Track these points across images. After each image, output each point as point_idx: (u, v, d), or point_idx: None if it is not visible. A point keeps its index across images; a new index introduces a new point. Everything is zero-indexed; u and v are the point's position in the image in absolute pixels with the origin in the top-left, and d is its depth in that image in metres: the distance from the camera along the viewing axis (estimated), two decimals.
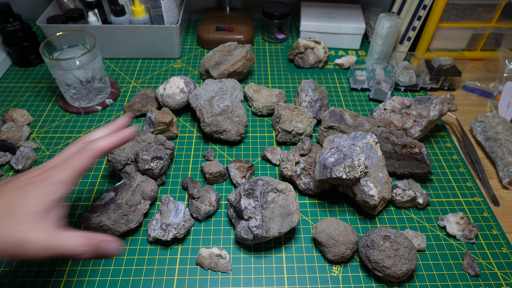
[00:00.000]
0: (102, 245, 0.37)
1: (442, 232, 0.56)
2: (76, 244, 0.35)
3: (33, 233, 0.34)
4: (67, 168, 0.38)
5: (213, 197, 0.56)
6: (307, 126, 0.67)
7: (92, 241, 0.37)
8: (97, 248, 0.37)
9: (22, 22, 0.81)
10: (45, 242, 0.34)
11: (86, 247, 0.36)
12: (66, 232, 0.36)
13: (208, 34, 0.90)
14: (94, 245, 0.37)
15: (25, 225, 0.34)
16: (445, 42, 0.87)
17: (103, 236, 0.38)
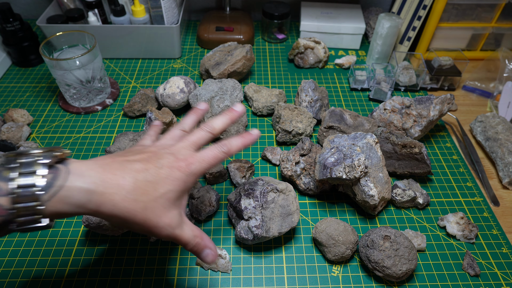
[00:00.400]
0: (205, 251, 0.40)
1: (442, 232, 0.56)
2: (187, 238, 0.39)
3: (164, 219, 0.36)
4: (203, 163, 0.40)
5: (213, 197, 0.56)
6: (307, 126, 0.67)
7: (199, 243, 0.40)
8: (200, 251, 0.40)
9: (22, 22, 0.81)
10: (170, 230, 0.37)
11: (194, 246, 0.39)
12: (186, 225, 0.39)
13: (208, 34, 0.90)
14: (199, 248, 0.40)
15: (160, 210, 0.36)
16: (445, 42, 0.87)
17: (209, 243, 0.41)
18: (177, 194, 0.37)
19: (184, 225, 0.39)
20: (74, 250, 0.53)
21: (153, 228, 0.36)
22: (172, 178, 0.37)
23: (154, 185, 0.36)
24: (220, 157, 0.41)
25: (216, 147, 0.42)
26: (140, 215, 0.35)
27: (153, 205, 0.36)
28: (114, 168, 0.35)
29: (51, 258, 0.52)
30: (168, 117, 0.66)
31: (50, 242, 0.54)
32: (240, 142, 0.44)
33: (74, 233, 0.55)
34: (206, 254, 0.40)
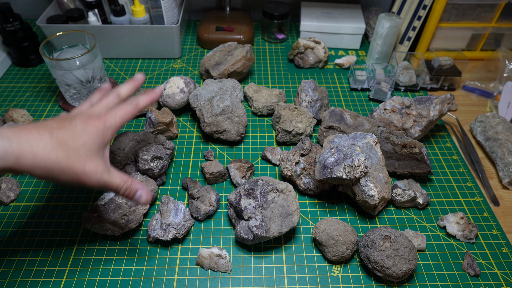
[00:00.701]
0: (137, 193, 0.45)
1: (442, 232, 0.56)
2: (118, 182, 0.43)
3: (89, 166, 0.40)
4: (116, 117, 0.44)
5: (213, 197, 0.56)
6: (307, 126, 0.67)
7: (129, 186, 0.44)
8: (132, 193, 0.45)
9: (22, 22, 0.81)
10: (98, 176, 0.41)
11: (125, 190, 0.44)
12: (113, 171, 0.43)
13: (208, 34, 0.90)
14: (131, 191, 0.44)
15: (83, 158, 0.40)
16: (445, 42, 0.87)
17: (139, 185, 0.45)
18: (96, 145, 0.41)
19: (111, 171, 0.43)
20: (74, 250, 0.53)
21: (80, 174, 0.40)
22: (88, 132, 0.41)
23: (72, 138, 0.40)
24: (130, 111, 0.46)
25: (126, 103, 0.46)
26: (63, 162, 0.38)
27: (75, 154, 0.39)
28: (30, 127, 0.38)
29: (51, 258, 0.52)
30: (168, 117, 0.66)
31: (50, 242, 0.54)
32: (146, 97, 0.49)
33: (74, 233, 0.55)
34: (139, 196, 0.45)
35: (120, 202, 0.52)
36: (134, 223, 0.53)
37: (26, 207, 0.58)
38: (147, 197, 0.45)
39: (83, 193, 0.60)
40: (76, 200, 0.59)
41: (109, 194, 0.53)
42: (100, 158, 0.42)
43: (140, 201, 0.45)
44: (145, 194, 0.45)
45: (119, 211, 0.52)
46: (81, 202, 0.59)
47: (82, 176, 0.40)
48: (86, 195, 0.60)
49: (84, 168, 0.40)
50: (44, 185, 0.61)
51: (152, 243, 0.54)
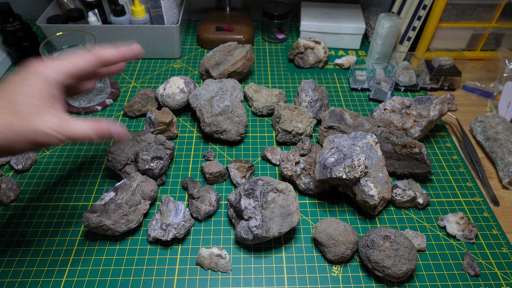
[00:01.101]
0: (112, 133, 0.41)
1: (442, 232, 0.56)
2: (84, 132, 0.39)
3: (44, 123, 0.36)
4: (65, 61, 0.39)
5: (213, 197, 0.56)
6: (307, 126, 0.67)
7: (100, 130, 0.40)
8: (106, 134, 0.41)
9: (22, 22, 0.81)
10: (57, 132, 0.37)
11: (98, 135, 0.40)
12: (75, 121, 0.39)
13: (208, 34, 0.90)
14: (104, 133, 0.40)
15: (32, 117, 0.36)
16: (445, 42, 0.87)
17: (110, 125, 0.41)
18: (43, 96, 0.37)
19: (71, 123, 0.38)
20: (74, 250, 0.53)
21: (36, 137, 0.36)
22: (29, 84, 0.36)
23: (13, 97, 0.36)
24: (87, 57, 0.40)
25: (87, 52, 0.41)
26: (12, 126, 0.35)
27: (20, 114, 0.35)
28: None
29: (51, 258, 0.52)
30: (168, 117, 0.66)
31: (50, 242, 0.54)
32: (114, 50, 0.42)
33: (74, 233, 0.55)
34: (117, 132, 0.41)
35: (120, 202, 0.52)
36: (134, 223, 0.53)
37: (26, 207, 0.58)
38: (124, 133, 0.42)
39: (83, 193, 0.60)
40: (76, 200, 0.59)
41: (109, 194, 0.53)
42: (51, 113, 0.37)
43: (120, 138, 0.42)
44: (121, 131, 0.42)
45: (119, 211, 0.52)
46: (81, 202, 0.59)
47: (40, 137, 0.36)
48: (86, 195, 0.60)
49: (37, 129, 0.36)
50: (44, 185, 0.61)
51: (152, 243, 0.54)
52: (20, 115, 0.35)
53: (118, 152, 0.58)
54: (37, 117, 0.36)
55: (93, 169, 0.64)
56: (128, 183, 0.55)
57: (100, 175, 0.63)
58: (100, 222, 0.50)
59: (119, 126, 0.42)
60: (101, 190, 0.61)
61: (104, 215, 0.51)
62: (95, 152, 0.66)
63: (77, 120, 0.39)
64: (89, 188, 0.61)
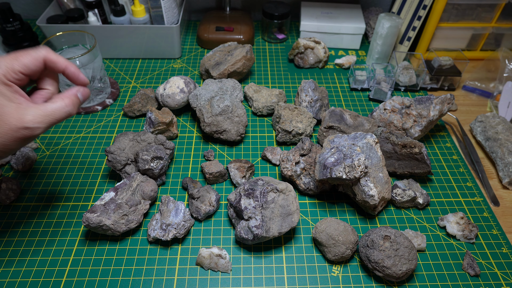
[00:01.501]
0: (80, 96, 0.43)
1: (442, 232, 0.56)
2: (62, 108, 0.41)
3: (19, 115, 0.37)
4: (8, 58, 0.39)
5: (213, 197, 0.56)
6: (307, 126, 0.67)
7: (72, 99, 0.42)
8: (78, 101, 0.43)
9: (22, 22, 0.81)
10: (37, 116, 0.38)
11: (69, 106, 0.41)
12: (46, 104, 0.40)
13: (208, 34, 0.90)
14: (74, 102, 0.42)
15: (8, 116, 0.37)
16: (445, 42, 0.87)
17: (74, 89, 0.43)
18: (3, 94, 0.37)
19: (46, 106, 0.39)
20: (74, 250, 0.53)
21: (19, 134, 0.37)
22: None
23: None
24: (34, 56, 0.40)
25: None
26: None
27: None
28: None
29: (51, 258, 0.52)
30: (168, 117, 0.66)
31: (50, 242, 0.54)
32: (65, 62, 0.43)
33: (74, 233, 0.55)
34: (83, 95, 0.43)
35: (120, 202, 0.52)
36: (134, 223, 0.53)
37: (26, 207, 0.58)
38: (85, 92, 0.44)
39: (83, 193, 0.60)
40: (76, 200, 0.59)
41: (109, 194, 0.53)
42: (22, 106, 0.38)
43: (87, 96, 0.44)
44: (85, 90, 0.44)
45: (119, 211, 0.52)
46: (81, 202, 0.59)
47: (19, 134, 0.37)
48: (86, 195, 0.60)
49: (15, 125, 0.37)
50: (44, 185, 0.61)
51: (152, 243, 0.54)
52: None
53: (118, 152, 0.58)
54: (9, 116, 0.37)
55: (93, 169, 0.64)
56: (128, 183, 0.55)
57: (100, 175, 0.63)
58: (100, 222, 0.50)
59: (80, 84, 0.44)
60: (101, 190, 0.61)
61: (104, 215, 0.51)
62: (95, 152, 0.66)
63: (46, 104, 0.40)
64: (89, 188, 0.61)
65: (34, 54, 0.40)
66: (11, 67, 0.38)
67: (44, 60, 0.41)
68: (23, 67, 0.39)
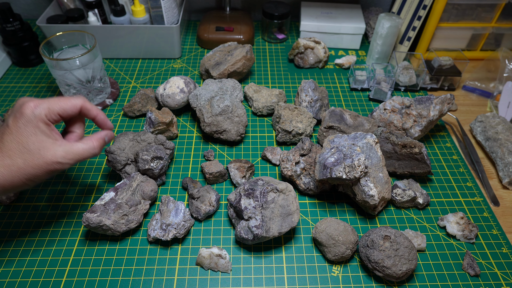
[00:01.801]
0: (106, 140, 0.49)
1: (442, 232, 0.56)
2: (89, 150, 0.46)
3: (54, 151, 0.43)
4: (51, 102, 0.44)
5: (213, 197, 0.56)
6: (307, 126, 0.67)
7: (100, 142, 0.48)
8: (104, 144, 0.49)
9: (22, 22, 0.81)
10: (66, 154, 0.44)
11: (96, 149, 0.47)
12: (75, 143, 0.46)
13: (208, 34, 0.90)
14: (101, 144, 0.48)
15: (45, 150, 0.42)
16: (445, 42, 0.87)
17: (103, 133, 0.49)
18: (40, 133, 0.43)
19: (74, 147, 0.45)
20: (74, 250, 0.53)
21: (51, 167, 0.43)
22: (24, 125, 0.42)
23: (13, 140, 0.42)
24: (73, 103, 0.46)
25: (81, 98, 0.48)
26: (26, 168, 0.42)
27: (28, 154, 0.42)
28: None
29: (51, 258, 0.52)
30: (168, 117, 0.66)
31: (50, 242, 0.54)
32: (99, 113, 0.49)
33: (74, 233, 0.55)
34: (108, 139, 0.50)
35: (120, 202, 0.52)
36: (134, 223, 0.53)
37: (26, 207, 0.58)
38: (111, 135, 0.50)
39: (83, 193, 0.60)
40: (76, 200, 0.59)
41: (109, 194, 0.53)
42: (56, 144, 0.43)
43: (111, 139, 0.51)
44: (109, 134, 0.50)
45: (119, 211, 0.52)
46: (81, 202, 0.59)
47: (51, 167, 0.43)
48: (86, 195, 0.60)
49: (49, 159, 0.42)
50: (44, 185, 0.61)
51: (152, 243, 0.54)
52: (32, 153, 0.42)
53: (118, 152, 0.58)
54: (46, 151, 0.42)
55: (93, 169, 0.64)
56: (128, 183, 0.55)
57: (100, 175, 0.63)
58: (100, 222, 0.50)
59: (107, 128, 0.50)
60: (101, 190, 0.61)
61: (104, 215, 0.51)
62: None
63: (80, 143, 0.46)
64: (89, 188, 0.61)
65: (74, 101, 0.46)
66: (52, 109, 0.44)
67: (80, 107, 0.47)
68: (62, 111, 0.45)
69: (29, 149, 0.42)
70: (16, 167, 0.41)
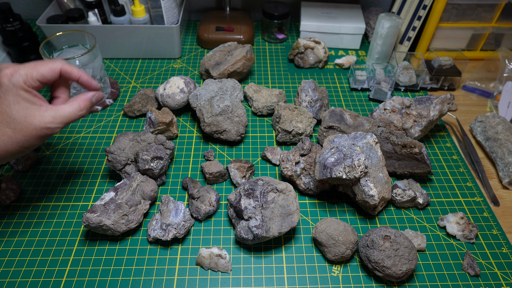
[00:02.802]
0: (94, 100, 0.48)
1: (442, 232, 0.56)
2: (75, 112, 0.45)
3: (41, 116, 0.42)
4: (28, 68, 0.43)
5: (213, 197, 0.56)
6: (307, 126, 0.67)
7: (86, 103, 0.47)
8: (91, 105, 0.48)
9: (22, 22, 0.81)
10: (54, 118, 0.43)
11: (83, 110, 0.46)
12: (63, 105, 0.45)
13: (208, 34, 0.90)
14: (88, 105, 0.47)
15: (32, 117, 0.42)
16: (445, 42, 0.87)
17: (89, 93, 0.48)
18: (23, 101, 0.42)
19: (62, 109, 0.44)
20: (74, 250, 0.53)
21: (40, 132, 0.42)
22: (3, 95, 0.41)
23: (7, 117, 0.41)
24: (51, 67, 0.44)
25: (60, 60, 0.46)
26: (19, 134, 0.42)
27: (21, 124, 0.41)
28: None
29: (51, 258, 0.52)
30: (168, 117, 0.66)
31: (50, 242, 0.54)
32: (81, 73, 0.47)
33: (74, 233, 0.55)
34: (96, 99, 0.48)
35: (120, 202, 0.52)
36: (134, 223, 0.53)
37: (26, 207, 0.58)
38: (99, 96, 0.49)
39: (83, 193, 0.60)
40: (76, 200, 0.59)
41: (109, 194, 0.53)
42: (42, 108, 0.43)
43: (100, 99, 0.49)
44: (98, 95, 0.48)
45: (119, 211, 0.52)
46: (81, 202, 0.59)
47: (41, 132, 0.42)
48: (86, 195, 0.60)
49: (37, 125, 0.42)
50: (44, 185, 0.61)
51: (152, 243, 0.54)
52: (19, 121, 0.41)
53: (118, 152, 0.58)
54: (32, 118, 0.42)
55: (93, 169, 0.64)
56: (128, 183, 0.55)
57: (100, 175, 0.63)
58: (100, 222, 0.50)
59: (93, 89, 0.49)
60: (101, 190, 0.61)
61: (104, 215, 0.51)
62: (95, 152, 0.66)
63: (65, 105, 0.45)
64: (89, 188, 0.61)
65: (51, 65, 0.44)
66: (30, 75, 0.42)
67: (60, 71, 0.45)
68: (41, 76, 0.43)
69: (14, 118, 0.41)
70: (7, 136, 0.41)
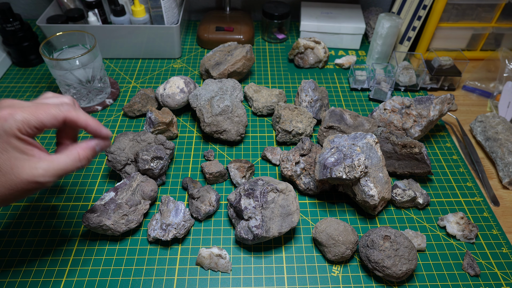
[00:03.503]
0: (97, 149, 0.42)
1: (442, 232, 0.56)
2: (71, 164, 0.39)
3: (31, 169, 0.37)
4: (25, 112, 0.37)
5: (213, 197, 0.56)
6: (307, 126, 0.67)
7: (87, 152, 0.41)
8: (93, 154, 0.42)
9: (22, 22, 0.81)
10: (46, 171, 0.38)
11: (82, 161, 0.40)
12: (58, 155, 0.39)
13: (208, 34, 0.90)
14: (89, 155, 0.41)
15: (20, 169, 0.37)
16: (445, 42, 0.87)
17: (93, 141, 0.42)
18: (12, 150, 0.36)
19: (56, 160, 0.38)
20: (74, 250, 0.53)
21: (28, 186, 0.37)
22: None
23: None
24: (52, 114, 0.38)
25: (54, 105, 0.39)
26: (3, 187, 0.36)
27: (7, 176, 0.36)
28: None
29: (51, 258, 0.52)
30: (168, 117, 0.66)
31: (50, 242, 0.54)
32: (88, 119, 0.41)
33: (74, 233, 0.55)
34: (101, 148, 0.42)
35: (120, 202, 0.52)
36: (134, 223, 0.53)
37: (26, 207, 0.58)
38: (105, 143, 0.43)
39: (83, 193, 0.60)
40: (76, 200, 0.59)
41: (109, 194, 0.53)
42: (34, 159, 0.37)
43: (105, 147, 0.43)
44: (102, 143, 0.42)
45: (119, 211, 0.52)
46: (81, 202, 0.59)
47: (28, 186, 0.37)
48: (86, 195, 0.60)
49: (25, 179, 0.37)
50: None
51: (152, 243, 0.54)
52: (4, 173, 0.36)
53: (118, 152, 0.58)
54: (21, 169, 0.37)
55: (93, 169, 0.64)
56: (128, 183, 0.55)
57: (100, 175, 0.63)
58: (100, 222, 0.50)
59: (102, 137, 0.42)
60: (101, 190, 0.61)
61: (104, 215, 0.51)
62: None
63: (62, 155, 0.39)
64: (89, 188, 0.61)
65: (55, 112, 0.38)
66: (27, 122, 0.37)
67: (64, 120, 0.39)
68: (39, 124, 0.37)
69: (0, 169, 0.36)
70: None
